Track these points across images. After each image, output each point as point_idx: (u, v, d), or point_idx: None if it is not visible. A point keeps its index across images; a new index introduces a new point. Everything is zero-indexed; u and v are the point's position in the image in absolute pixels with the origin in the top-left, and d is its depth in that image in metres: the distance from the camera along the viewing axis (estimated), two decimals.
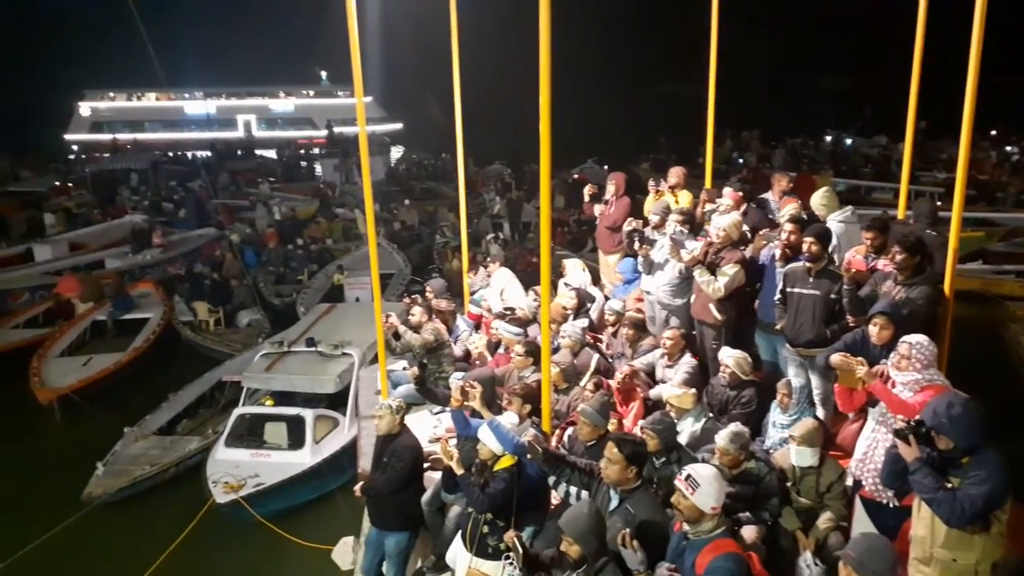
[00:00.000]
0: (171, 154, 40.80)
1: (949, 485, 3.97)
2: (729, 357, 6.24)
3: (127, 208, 27.55)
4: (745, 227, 7.19)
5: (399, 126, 52.29)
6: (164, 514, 10.07)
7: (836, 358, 5.11)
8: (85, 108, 50.85)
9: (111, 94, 51.68)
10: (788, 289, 6.28)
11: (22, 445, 12.60)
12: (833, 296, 6.00)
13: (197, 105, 50.85)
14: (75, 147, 48.09)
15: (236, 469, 10.10)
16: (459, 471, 5.31)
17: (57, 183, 32.29)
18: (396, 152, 42.29)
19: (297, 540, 9.35)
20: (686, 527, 4.08)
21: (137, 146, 44.99)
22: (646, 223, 8.10)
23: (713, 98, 9.30)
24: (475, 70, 9.03)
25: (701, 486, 3.98)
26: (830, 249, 6.37)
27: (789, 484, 5.35)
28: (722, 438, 5.24)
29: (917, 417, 4.18)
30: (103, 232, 23.95)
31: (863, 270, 6.24)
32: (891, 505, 4.92)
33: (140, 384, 14.26)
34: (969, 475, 3.94)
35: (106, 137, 47.96)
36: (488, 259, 11.90)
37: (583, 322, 7.78)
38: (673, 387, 6.27)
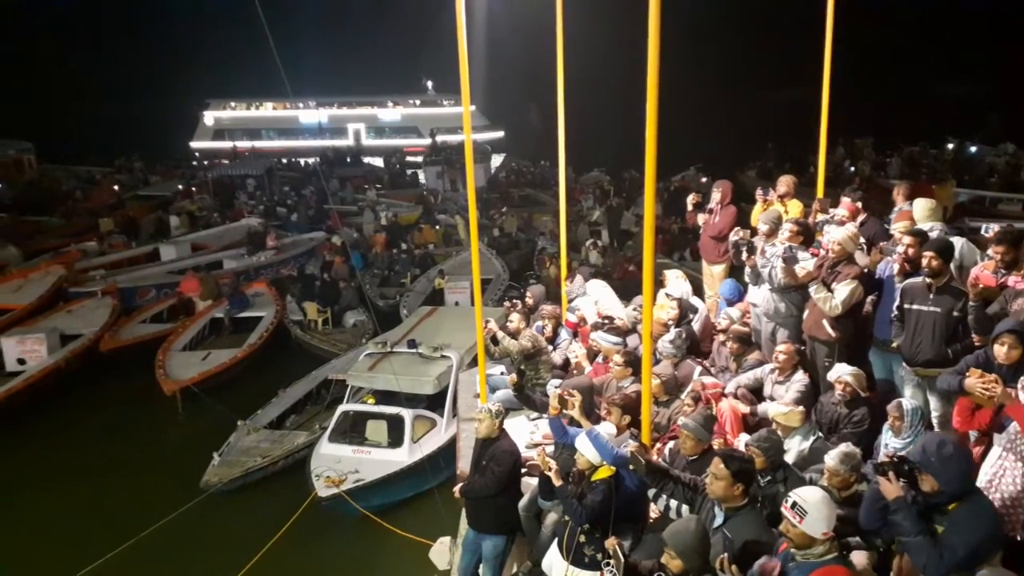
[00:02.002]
0: (285, 161, 42.83)
1: (932, 531, 3.71)
2: (847, 373, 5.99)
3: (244, 212, 29.11)
4: (862, 239, 6.90)
5: (500, 134, 52.93)
6: (272, 504, 10.54)
7: (970, 381, 4.81)
8: (209, 117, 54.01)
9: (232, 104, 54.66)
10: (906, 305, 5.97)
11: (149, 432, 13.53)
12: (956, 314, 5.67)
13: (311, 114, 53.07)
14: (198, 153, 51.15)
15: (338, 464, 10.47)
16: (557, 482, 5.32)
17: (182, 187, 34.36)
18: (496, 159, 42.84)
19: (398, 531, 9.59)
20: (794, 550, 3.95)
21: (254, 153, 47.35)
22: (753, 233, 7.88)
23: (827, 104, 8.96)
24: (575, 76, 9.05)
25: (809, 513, 3.81)
26: None
27: None
28: (832, 458, 5.03)
29: (901, 453, 3.92)
30: (222, 234, 25.44)
31: (992, 286, 5.86)
32: (1018, 538, 4.60)
33: (253, 379, 15.05)
34: (955, 523, 3.67)
35: (226, 144, 50.80)
36: (577, 266, 11.92)
37: (679, 331, 7.62)
38: (780, 405, 6.06)
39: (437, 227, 25.72)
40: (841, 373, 6.07)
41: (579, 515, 5.11)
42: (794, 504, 3.87)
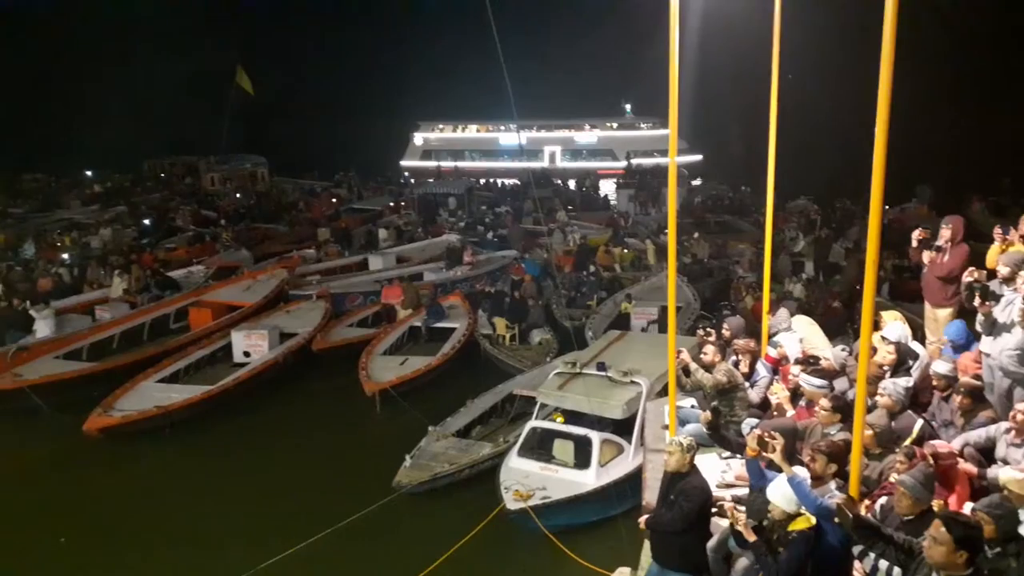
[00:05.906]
0: (483, 181, 44.66)
1: None
2: None
3: (444, 228, 30.68)
4: None
5: (699, 158, 51.79)
6: (456, 511, 10.87)
7: None
8: (419, 138, 57.73)
9: (440, 125, 58.01)
10: None
11: (349, 428, 14.54)
12: None
13: (511, 136, 54.96)
14: (406, 172, 54.74)
15: (526, 479, 10.53)
16: (751, 538, 5.03)
17: (391, 203, 36.85)
18: (694, 184, 41.93)
19: (578, 559, 9.48)
20: None
21: (457, 173, 49.81)
22: (990, 276, 7.07)
23: None
24: (786, 97, 8.60)
25: None
26: None
27: None
28: None
29: None
30: (424, 248, 27.02)
31: None
32: None
33: (443, 387, 15.71)
34: None
35: (432, 164, 53.92)
36: (782, 302, 11.34)
37: (907, 381, 6.97)
38: (1015, 471, 5.37)
39: (626, 251, 25.57)
40: None
41: (775, 572, 4.81)
42: None
